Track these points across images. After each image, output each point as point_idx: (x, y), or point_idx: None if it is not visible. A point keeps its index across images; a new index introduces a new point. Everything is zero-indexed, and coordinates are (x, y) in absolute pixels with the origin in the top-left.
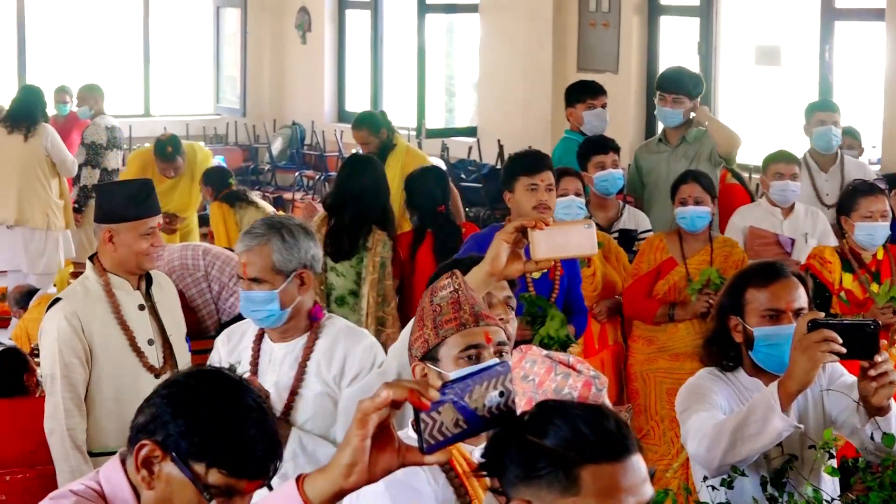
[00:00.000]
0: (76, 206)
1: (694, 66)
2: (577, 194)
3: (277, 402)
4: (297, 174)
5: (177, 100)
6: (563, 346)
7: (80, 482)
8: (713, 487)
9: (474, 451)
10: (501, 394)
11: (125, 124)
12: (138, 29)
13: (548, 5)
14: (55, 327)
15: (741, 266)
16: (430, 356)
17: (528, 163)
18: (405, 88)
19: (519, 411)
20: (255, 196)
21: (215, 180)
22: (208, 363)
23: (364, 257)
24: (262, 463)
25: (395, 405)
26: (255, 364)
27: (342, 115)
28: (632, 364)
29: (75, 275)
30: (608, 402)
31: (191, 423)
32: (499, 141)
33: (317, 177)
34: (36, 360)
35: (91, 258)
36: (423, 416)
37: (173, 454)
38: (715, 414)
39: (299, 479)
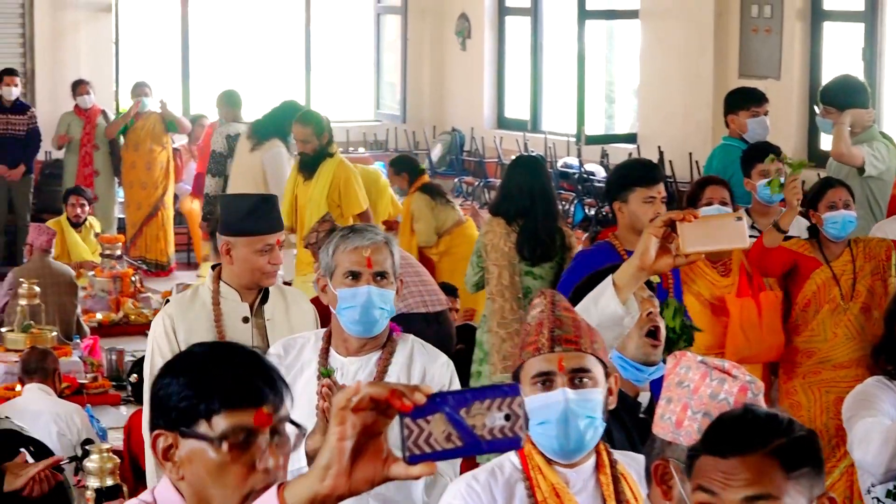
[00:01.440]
0: (204, 215)
1: (858, 72)
2: (724, 203)
3: None
4: (456, 180)
5: (337, 106)
6: (688, 337)
7: (136, 498)
8: (878, 500)
9: (569, 473)
10: (507, 417)
11: None
12: (300, 35)
13: (709, 11)
14: (153, 328)
15: (886, 257)
16: (516, 376)
17: (644, 174)
18: (565, 95)
19: (674, 417)
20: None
21: (409, 166)
22: None
23: (564, 258)
24: (254, 387)
25: (380, 408)
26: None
27: (502, 122)
28: (791, 377)
29: None
30: (764, 406)
31: (179, 389)
32: (659, 147)
33: (476, 183)
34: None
35: (214, 266)
36: (406, 420)
37: (181, 430)
38: (881, 420)
39: (281, 485)
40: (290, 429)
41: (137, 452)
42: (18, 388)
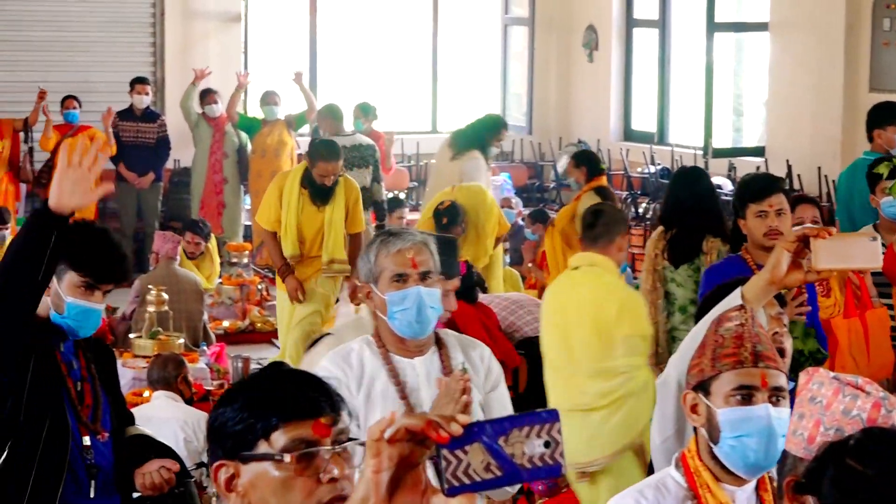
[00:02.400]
0: None
1: None
2: (815, 222)
3: None
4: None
5: (464, 117)
6: (816, 360)
7: None
8: None
9: (736, 491)
10: (547, 444)
11: (412, 141)
12: (427, 45)
13: (840, 24)
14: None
15: None
16: (702, 387)
17: (756, 188)
18: (692, 107)
19: (806, 433)
20: None
21: (590, 162)
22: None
23: (701, 265)
24: (310, 399)
25: (416, 439)
26: (400, 383)
27: (628, 134)
28: None
29: None
30: None
31: (234, 414)
32: (787, 161)
33: None
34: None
35: None
36: (444, 451)
37: (241, 455)
38: None
39: None
40: (354, 446)
41: None
42: (147, 394)
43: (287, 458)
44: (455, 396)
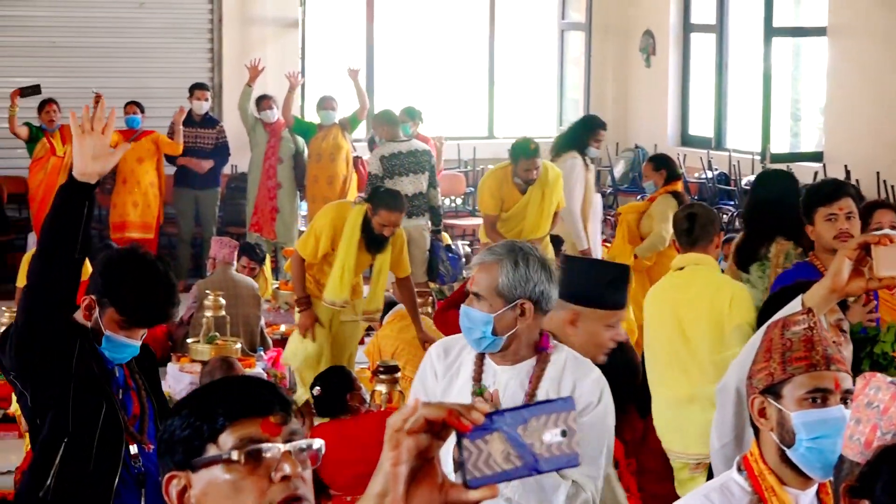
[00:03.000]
0: None
1: None
2: (893, 227)
3: None
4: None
5: (520, 122)
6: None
7: None
8: None
9: (799, 494)
10: (564, 433)
11: (468, 146)
12: (483, 51)
13: None
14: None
15: None
16: (772, 390)
17: (825, 192)
18: (749, 112)
19: (863, 438)
20: None
21: (668, 166)
22: (419, 374)
23: (767, 266)
24: (258, 397)
25: (435, 431)
26: (478, 381)
27: (685, 139)
28: None
29: None
30: None
31: (182, 421)
32: (846, 167)
33: None
34: (381, 377)
35: None
36: (465, 442)
37: (191, 463)
38: None
39: None
40: (314, 444)
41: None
42: None
43: (235, 455)
44: None
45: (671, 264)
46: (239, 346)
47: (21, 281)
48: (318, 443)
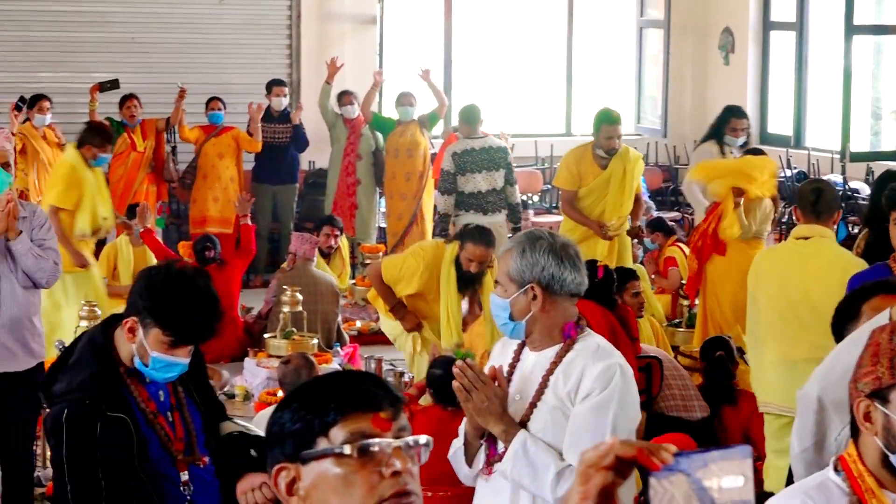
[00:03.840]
0: (437, 232)
1: None
2: None
3: (519, 410)
4: None
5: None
6: None
7: None
8: None
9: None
10: (740, 480)
11: (546, 143)
12: (562, 48)
13: None
14: None
15: None
16: (879, 395)
17: None
18: (829, 110)
19: None
20: None
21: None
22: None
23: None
24: (369, 392)
25: (621, 470)
26: (512, 367)
27: (764, 137)
28: None
29: None
30: None
31: (292, 415)
32: None
33: None
34: None
35: None
36: (652, 480)
37: (301, 456)
38: None
39: None
40: (422, 440)
41: None
42: (280, 393)
43: (347, 449)
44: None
45: (792, 232)
46: (315, 341)
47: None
48: (425, 439)
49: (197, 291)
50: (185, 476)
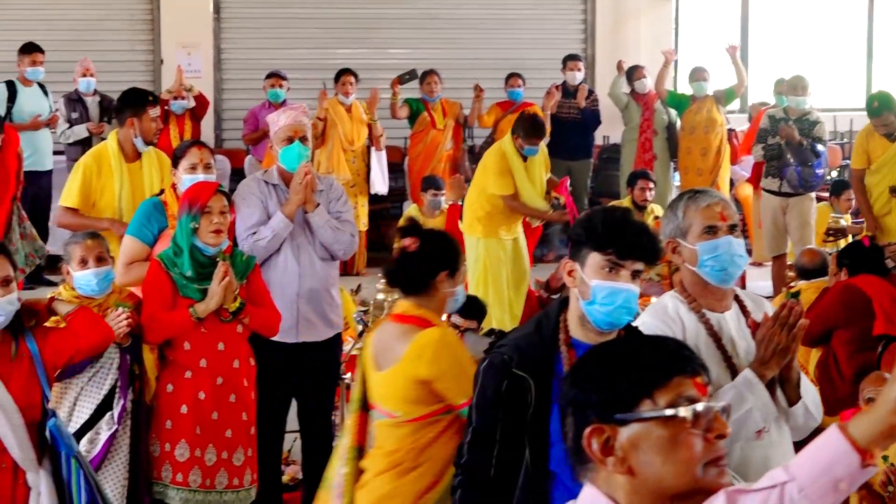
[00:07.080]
0: None
1: None
2: None
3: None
4: None
5: None
6: None
7: None
8: None
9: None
10: None
11: (845, 118)
12: (862, 21)
13: None
14: None
15: None
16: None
17: None
18: None
19: None
20: None
21: None
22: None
23: None
24: (687, 357)
25: None
26: (715, 335)
27: None
28: None
29: None
30: None
31: (610, 377)
32: None
33: None
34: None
35: None
36: None
37: (617, 417)
38: None
39: (838, 427)
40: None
41: None
42: None
43: (682, 412)
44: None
45: None
46: None
47: None
48: (724, 404)
49: (629, 217)
50: None
